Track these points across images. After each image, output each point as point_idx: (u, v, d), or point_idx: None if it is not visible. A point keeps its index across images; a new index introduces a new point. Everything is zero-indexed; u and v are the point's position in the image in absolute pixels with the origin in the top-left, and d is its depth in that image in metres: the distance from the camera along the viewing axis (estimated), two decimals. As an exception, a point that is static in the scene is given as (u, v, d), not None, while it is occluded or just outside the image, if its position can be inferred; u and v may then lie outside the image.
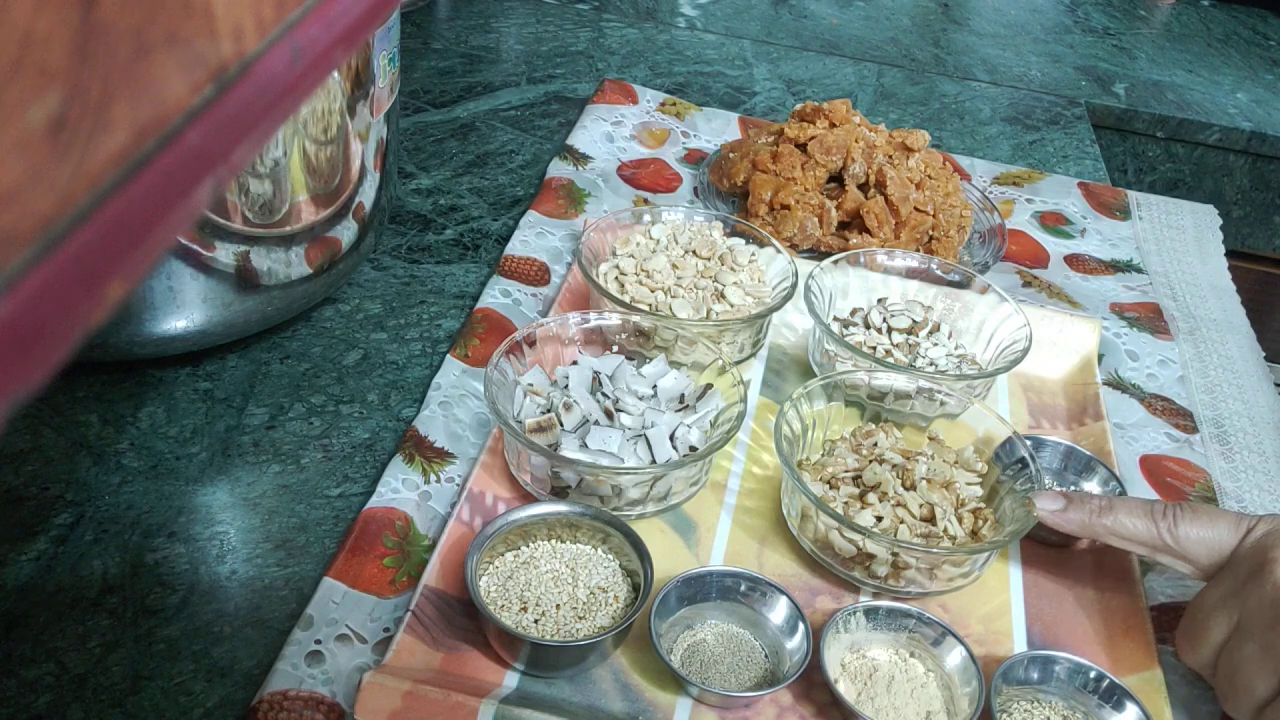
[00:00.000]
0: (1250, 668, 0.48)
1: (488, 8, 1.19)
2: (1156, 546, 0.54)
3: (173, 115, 0.18)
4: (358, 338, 0.70)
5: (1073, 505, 0.55)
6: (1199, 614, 0.52)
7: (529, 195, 0.87)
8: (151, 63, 0.17)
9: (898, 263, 0.74)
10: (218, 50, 0.19)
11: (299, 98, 0.21)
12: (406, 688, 0.46)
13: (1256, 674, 0.48)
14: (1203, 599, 0.52)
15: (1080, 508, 0.55)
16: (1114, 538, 0.55)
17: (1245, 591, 0.49)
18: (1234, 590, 0.50)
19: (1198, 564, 0.53)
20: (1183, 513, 0.53)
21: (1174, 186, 1.20)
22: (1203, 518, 0.53)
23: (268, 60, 0.20)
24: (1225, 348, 0.81)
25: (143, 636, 0.51)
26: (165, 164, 0.18)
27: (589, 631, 0.50)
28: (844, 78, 1.16)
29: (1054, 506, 0.55)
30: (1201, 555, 0.53)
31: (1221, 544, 0.52)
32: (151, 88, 0.18)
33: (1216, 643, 0.50)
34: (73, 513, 0.56)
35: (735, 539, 0.59)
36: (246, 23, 0.20)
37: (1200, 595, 0.52)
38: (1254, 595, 0.49)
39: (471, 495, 0.58)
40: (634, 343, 0.66)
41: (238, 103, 0.19)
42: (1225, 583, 0.51)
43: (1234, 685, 0.49)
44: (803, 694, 0.51)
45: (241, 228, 0.59)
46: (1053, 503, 0.55)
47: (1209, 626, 0.51)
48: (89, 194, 0.16)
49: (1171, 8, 1.49)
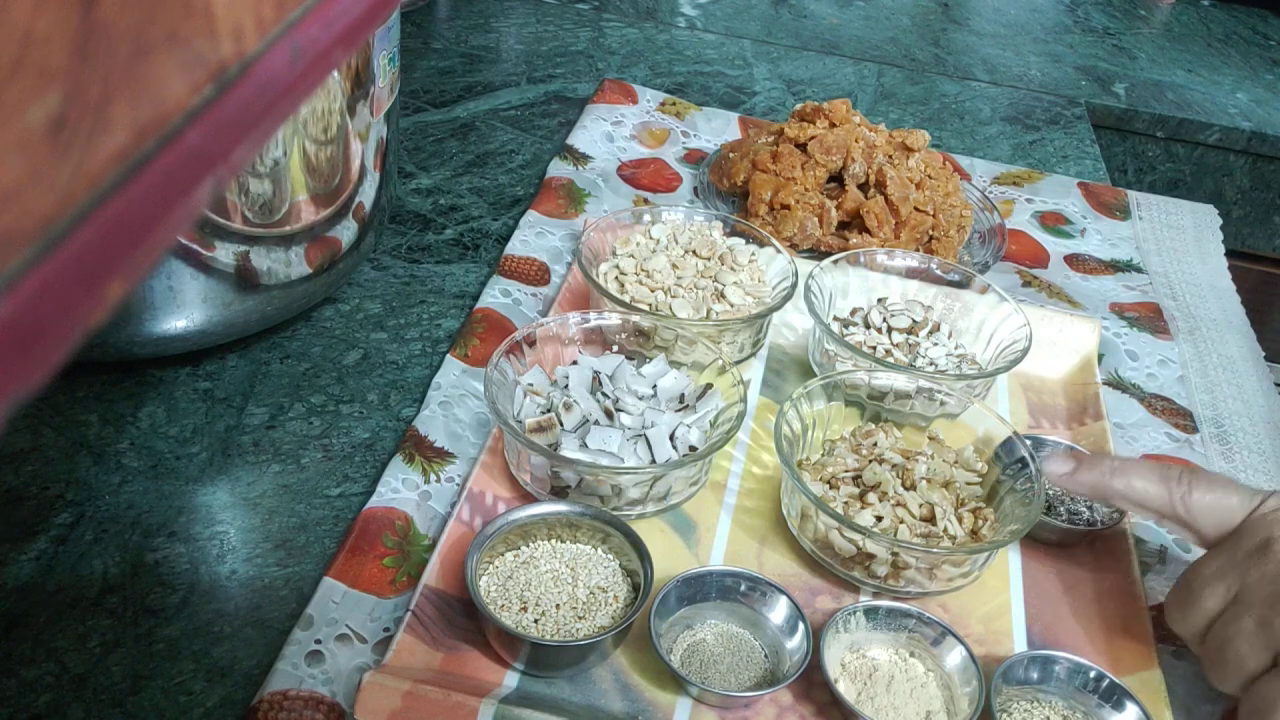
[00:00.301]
0: (1244, 642, 0.47)
1: (488, 8, 1.19)
2: (1166, 512, 0.53)
3: (173, 115, 0.18)
4: (358, 338, 0.70)
5: (1084, 466, 0.54)
6: (1194, 582, 0.51)
7: (529, 195, 0.87)
8: (151, 63, 0.17)
9: (898, 263, 0.74)
10: (218, 50, 0.19)
11: (299, 98, 0.21)
12: (406, 688, 0.46)
13: (1250, 649, 0.47)
14: (1200, 568, 0.51)
15: (1092, 469, 0.54)
16: (1125, 501, 0.54)
17: (1247, 564, 0.49)
18: (1235, 562, 0.49)
19: (1204, 533, 0.52)
20: (1197, 480, 0.52)
21: (1174, 186, 1.20)
22: (1216, 487, 0.52)
23: (268, 60, 0.20)
24: (1225, 347, 0.81)
25: (143, 636, 0.51)
26: (165, 164, 0.18)
27: (589, 631, 0.50)
28: (844, 78, 1.16)
29: (1064, 469, 0.54)
30: (1209, 525, 0.52)
31: (1231, 514, 0.51)
32: (151, 88, 0.18)
33: (1210, 613, 0.50)
34: (73, 512, 0.56)
35: (735, 539, 0.59)
36: (246, 23, 0.20)
37: (1197, 564, 0.52)
38: (1256, 569, 0.48)
39: (471, 495, 0.58)
40: (634, 343, 0.66)
41: (238, 103, 0.19)
42: (1226, 554, 0.50)
43: (1223, 657, 0.48)
44: (803, 694, 0.51)
45: (241, 228, 0.59)
46: (1063, 465, 0.55)
47: (1204, 596, 0.50)
48: (89, 194, 0.16)
49: (1171, 8, 1.49)
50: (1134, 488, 0.53)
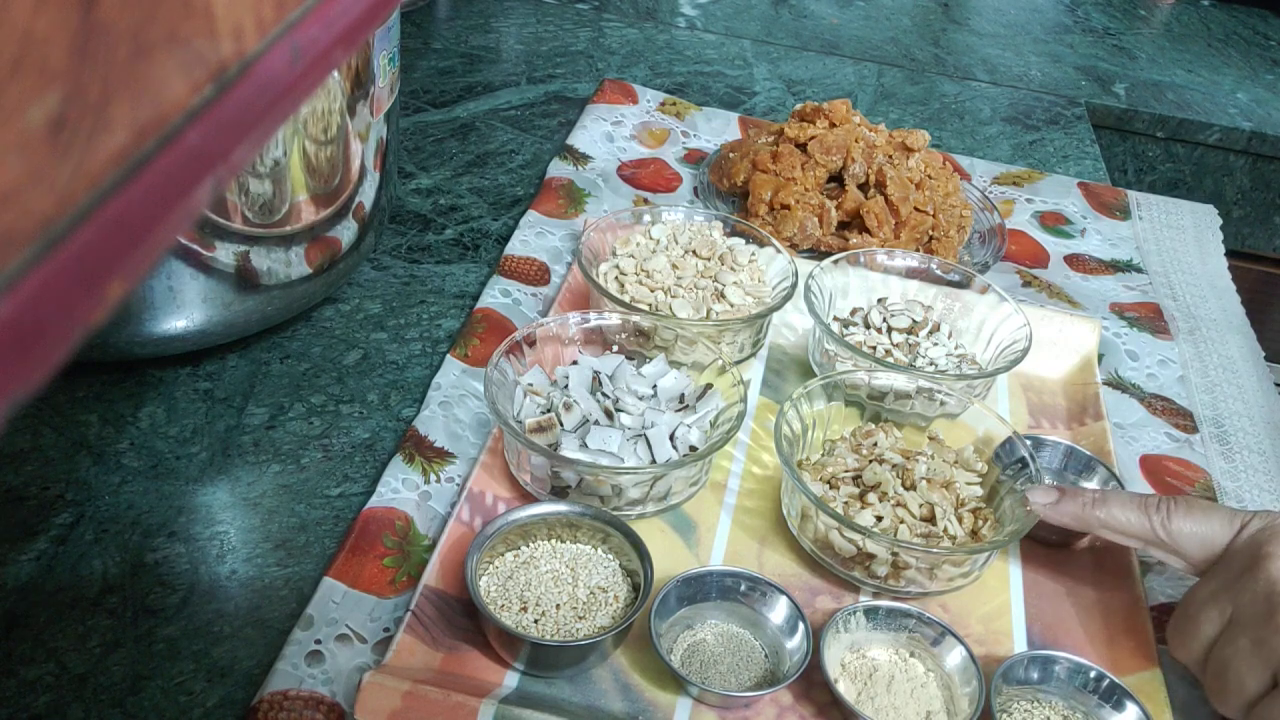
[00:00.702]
0: (1241, 663, 0.48)
1: (488, 8, 1.19)
2: (1149, 540, 0.54)
3: (173, 115, 0.18)
4: (358, 338, 0.70)
5: (1066, 498, 0.55)
6: (1190, 609, 0.51)
7: (529, 195, 0.87)
8: (151, 63, 0.17)
9: (898, 263, 0.74)
10: (218, 50, 0.19)
11: (299, 98, 0.21)
12: (406, 688, 0.46)
13: (1248, 670, 0.48)
14: (1195, 594, 0.52)
15: (1074, 500, 0.55)
16: (1107, 531, 0.55)
17: (1238, 587, 0.49)
18: (1227, 585, 0.50)
19: (1190, 559, 0.53)
20: (1176, 506, 0.53)
21: (1174, 186, 1.20)
22: (1196, 512, 0.53)
23: (268, 60, 0.20)
24: (1225, 347, 0.81)
25: (143, 636, 0.51)
26: (165, 164, 0.18)
27: (589, 631, 0.50)
28: (844, 78, 1.16)
29: (1048, 500, 0.55)
30: (1195, 550, 0.53)
31: (1215, 539, 0.52)
32: (151, 88, 0.18)
33: (1208, 638, 0.50)
34: (73, 512, 0.56)
35: (735, 539, 0.59)
36: (246, 23, 0.20)
37: (1192, 590, 0.52)
38: (1247, 591, 0.49)
39: (471, 495, 0.58)
40: (634, 343, 0.66)
41: (238, 103, 0.19)
42: (1218, 578, 0.51)
43: (1224, 681, 0.49)
44: (803, 694, 0.51)
45: (241, 228, 0.59)
46: (1046, 496, 0.55)
47: (1200, 622, 0.50)
48: (89, 194, 0.16)
49: (1171, 8, 1.49)
50: (1114, 517, 0.54)
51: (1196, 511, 0.53)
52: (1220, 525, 0.52)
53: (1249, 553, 0.50)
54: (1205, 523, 0.53)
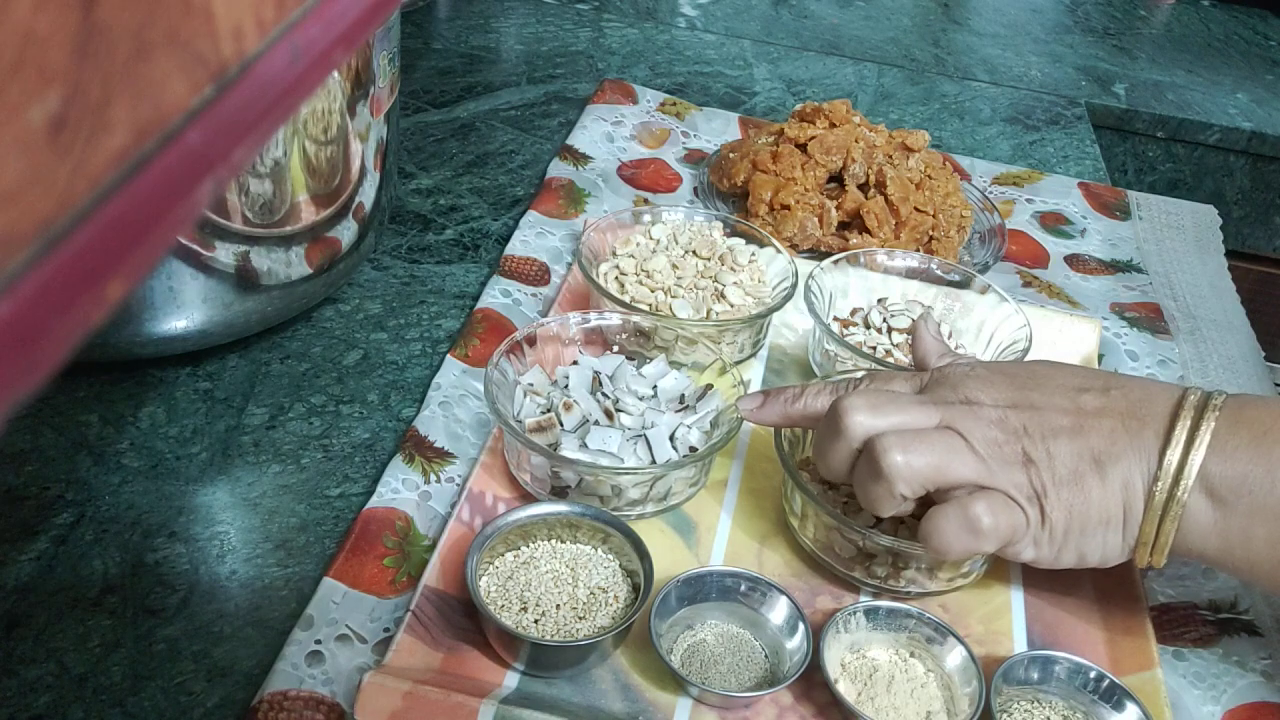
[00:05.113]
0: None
1: (488, 8, 1.19)
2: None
3: (173, 115, 0.18)
4: (358, 338, 0.70)
5: (770, 399, 0.56)
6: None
7: (529, 195, 0.87)
8: (151, 63, 0.17)
9: (898, 263, 0.74)
10: (218, 50, 0.19)
11: (299, 98, 0.21)
12: (406, 688, 0.46)
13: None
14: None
15: (776, 400, 0.56)
16: (808, 422, 0.56)
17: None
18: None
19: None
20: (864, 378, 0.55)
21: (1174, 186, 1.20)
22: (879, 379, 0.55)
23: (268, 60, 0.20)
24: (1225, 348, 0.81)
25: (143, 636, 0.51)
26: (165, 164, 0.18)
27: (589, 631, 0.50)
28: (844, 78, 1.16)
29: (754, 405, 0.57)
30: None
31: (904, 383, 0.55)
32: (151, 88, 0.18)
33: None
34: (73, 513, 0.56)
35: (735, 539, 0.59)
36: (246, 23, 0.20)
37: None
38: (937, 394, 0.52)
39: (471, 495, 0.58)
40: (634, 343, 0.66)
41: (238, 103, 0.19)
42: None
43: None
44: (803, 694, 0.51)
45: (241, 228, 0.59)
46: (751, 402, 0.57)
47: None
48: (89, 194, 0.16)
49: (1171, 8, 1.49)
50: (811, 405, 0.55)
51: (879, 378, 0.55)
52: (900, 383, 0.54)
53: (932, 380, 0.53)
54: (888, 383, 0.54)
